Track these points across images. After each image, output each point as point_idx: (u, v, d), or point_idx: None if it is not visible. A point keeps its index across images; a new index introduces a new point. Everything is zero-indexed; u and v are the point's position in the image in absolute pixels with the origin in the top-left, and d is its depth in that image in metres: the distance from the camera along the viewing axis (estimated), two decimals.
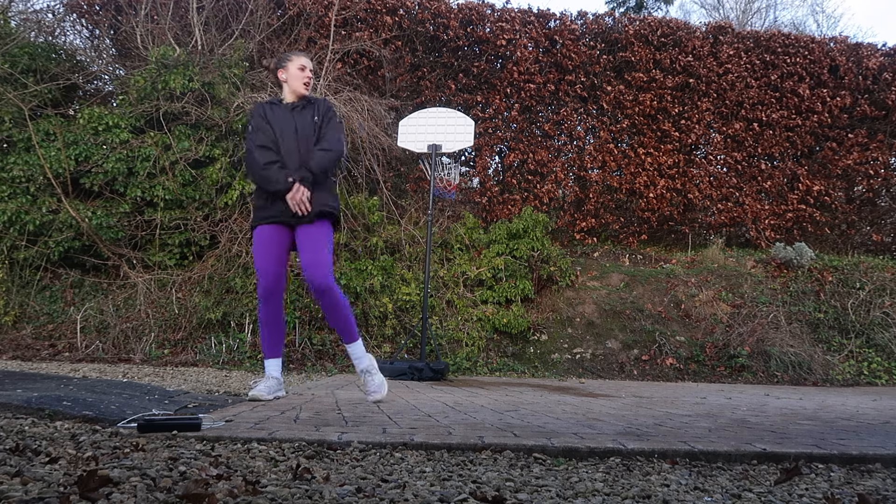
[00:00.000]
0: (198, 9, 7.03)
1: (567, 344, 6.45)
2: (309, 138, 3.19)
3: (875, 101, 8.45)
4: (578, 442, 2.06)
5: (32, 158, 6.19)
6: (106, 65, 7.69)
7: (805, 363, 6.17)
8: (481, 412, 2.88)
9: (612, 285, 7.17)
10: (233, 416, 2.42)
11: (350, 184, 6.89)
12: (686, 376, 6.14)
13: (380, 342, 6.14)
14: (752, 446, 2.09)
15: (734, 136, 8.31)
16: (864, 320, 6.76)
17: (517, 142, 8.02)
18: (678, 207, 8.30)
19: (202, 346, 5.74)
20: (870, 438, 2.39)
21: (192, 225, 6.41)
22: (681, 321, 6.73)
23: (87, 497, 1.19)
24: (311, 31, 7.43)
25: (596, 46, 8.06)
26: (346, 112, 6.62)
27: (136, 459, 1.56)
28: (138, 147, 6.31)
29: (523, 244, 6.81)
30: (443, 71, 7.82)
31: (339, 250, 6.51)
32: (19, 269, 6.19)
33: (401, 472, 1.65)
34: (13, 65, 6.52)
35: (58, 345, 5.72)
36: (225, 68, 6.70)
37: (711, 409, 3.38)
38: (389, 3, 7.57)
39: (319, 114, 3.23)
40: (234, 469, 1.56)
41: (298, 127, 3.18)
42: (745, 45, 8.32)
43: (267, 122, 3.20)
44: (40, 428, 2.05)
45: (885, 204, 8.89)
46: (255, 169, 3.13)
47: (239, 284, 6.13)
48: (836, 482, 1.74)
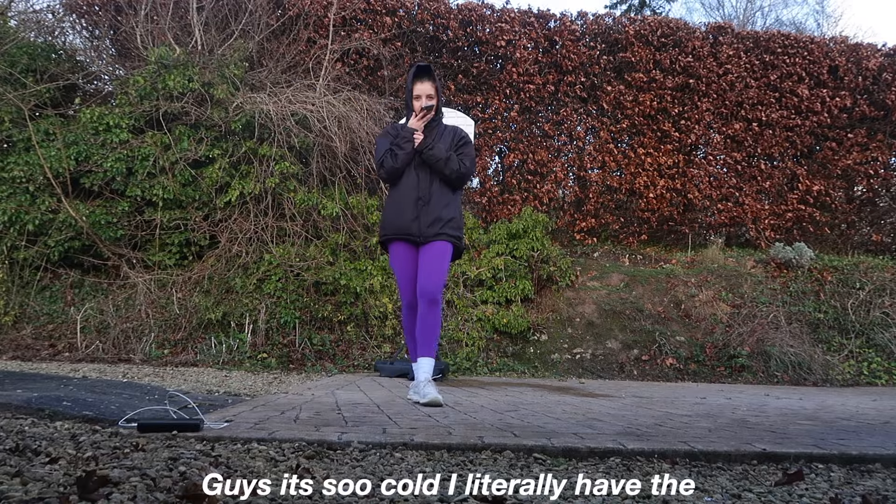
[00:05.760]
0: (198, 9, 7.03)
1: (567, 344, 6.45)
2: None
3: (875, 102, 8.45)
4: (578, 442, 2.06)
5: (32, 158, 6.19)
6: (106, 65, 7.69)
7: (805, 363, 6.17)
8: (481, 412, 2.88)
9: (612, 285, 7.17)
10: (233, 416, 2.42)
11: (349, 184, 6.89)
12: (686, 376, 6.14)
13: (380, 342, 6.14)
14: (752, 446, 2.09)
15: (734, 136, 8.31)
16: (864, 320, 6.76)
17: (517, 142, 8.02)
18: (678, 207, 8.30)
19: (202, 346, 5.73)
20: (870, 438, 2.39)
21: (192, 225, 6.41)
22: (681, 321, 6.73)
23: (87, 497, 1.19)
24: (311, 31, 7.43)
25: (596, 47, 8.06)
26: (345, 112, 6.62)
27: (136, 459, 1.56)
28: (138, 147, 6.32)
29: (523, 244, 6.81)
30: (442, 71, 7.82)
31: (339, 250, 6.52)
32: (19, 269, 6.19)
33: (401, 472, 1.65)
34: (13, 65, 6.52)
35: (58, 345, 5.72)
36: (224, 68, 6.70)
37: (711, 409, 3.38)
38: (389, 4, 7.57)
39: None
40: (234, 469, 1.56)
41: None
42: (745, 45, 8.33)
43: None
44: (40, 428, 2.05)
45: (885, 204, 8.89)
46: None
47: (239, 284, 6.13)
48: (836, 482, 1.74)
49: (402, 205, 3.33)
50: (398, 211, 3.33)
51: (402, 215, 3.32)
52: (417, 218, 3.30)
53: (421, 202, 3.32)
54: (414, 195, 3.32)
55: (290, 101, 6.54)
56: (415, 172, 3.35)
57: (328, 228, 6.58)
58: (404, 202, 3.33)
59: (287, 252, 6.30)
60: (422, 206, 3.32)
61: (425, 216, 3.31)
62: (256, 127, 6.42)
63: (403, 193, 3.34)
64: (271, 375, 5.04)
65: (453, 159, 3.36)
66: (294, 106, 6.51)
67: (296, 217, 6.52)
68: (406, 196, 3.33)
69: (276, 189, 6.45)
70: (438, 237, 3.31)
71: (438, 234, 3.31)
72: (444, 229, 3.33)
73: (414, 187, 3.33)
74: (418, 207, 3.31)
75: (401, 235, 3.34)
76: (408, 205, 3.32)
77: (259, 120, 6.39)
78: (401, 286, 3.44)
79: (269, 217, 6.46)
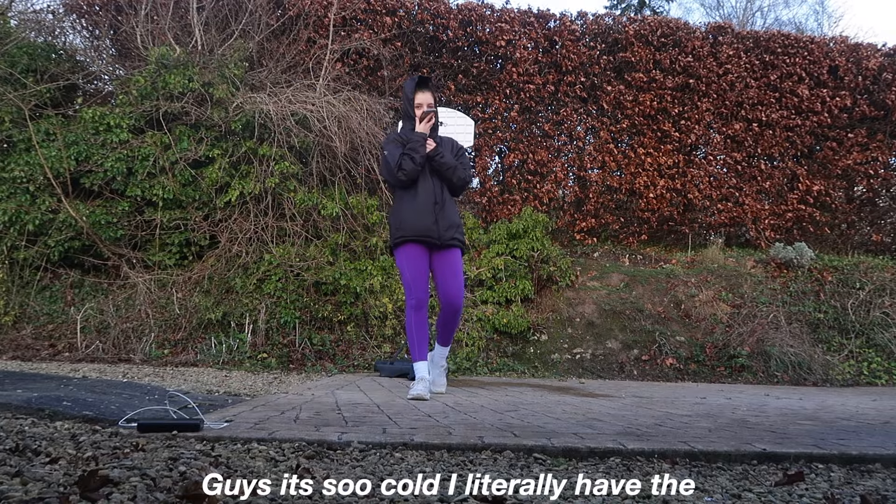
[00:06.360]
0: (198, 9, 7.03)
1: (567, 344, 6.45)
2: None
3: (875, 102, 8.45)
4: (578, 442, 2.06)
5: (33, 158, 6.19)
6: (106, 65, 7.69)
7: (805, 363, 6.17)
8: (481, 412, 2.88)
9: (612, 285, 7.17)
10: (233, 416, 2.42)
11: (349, 184, 6.89)
12: (686, 376, 6.14)
13: (380, 342, 6.14)
14: (752, 446, 2.09)
15: (734, 136, 8.31)
16: (864, 320, 6.76)
17: (517, 142, 8.02)
18: (678, 207, 8.30)
19: (202, 346, 5.73)
20: (870, 438, 2.39)
21: (192, 225, 6.41)
22: (681, 321, 6.73)
23: (87, 497, 1.19)
24: (311, 31, 7.43)
25: (596, 47, 8.06)
26: (345, 112, 6.62)
27: (136, 459, 1.56)
28: (138, 147, 6.32)
29: (523, 244, 6.81)
30: (442, 71, 7.82)
31: (339, 250, 6.52)
32: (19, 269, 6.19)
33: (401, 472, 1.65)
34: (13, 65, 6.52)
35: (58, 345, 5.72)
36: (224, 68, 6.70)
37: (711, 409, 3.38)
38: (389, 4, 7.57)
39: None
40: (234, 469, 1.56)
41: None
42: (745, 45, 8.33)
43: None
44: (40, 428, 2.05)
45: (885, 204, 8.89)
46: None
47: (239, 284, 6.13)
48: (836, 482, 1.74)
49: (421, 208, 3.52)
50: (417, 214, 3.51)
51: (422, 218, 3.51)
52: (436, 222, 3.52)
53: (437, 206, 3.55)
54: (431, 199, 3.54)
55: (290, 101, 6.54)
56: (430, 178, 3.56)
57: (328, 228, 6.58)
58: (422, 206, 3.52)
59: (287, 252, 6.30)
60: (438, 210, 3.54)
61: (442, 220, 3.54)
62: (256, 127, 6.42)
63: (421, 197, 3.53)
64: (271, 375, 5.04)
65: (459, 168, 3.61)
66: (294, 106, 6.51)
67: (296, 217, 6.53)
68: (424, 200, 3.53)
69: (276, 189, 6.45)
70: (453, 242, 3.58)
71: (453, 239, 3.58)
72: (457, 234, 3.61)
73: (431, 192, 3.54)
74: (436, 211, 3.53)
75: (420, 238, 3.52)
76: (427, 208, 3.52)
77: (259, 120, 6.40)
78: (413, 286, 3.53)
79: (269, 217, 6.46)
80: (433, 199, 3.54)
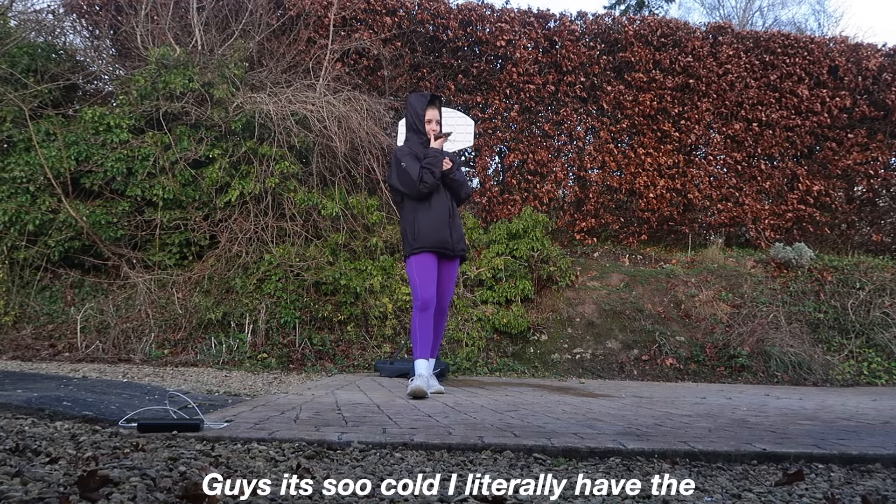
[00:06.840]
0: (198, 9, 7.03)
1: (567, 344, 6.45)
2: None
3: (875, 102, 8.45)
4: (578, 442, 2.06)
5: (33, 158, 6.19)
6: (106, 65, 7.69)
7: (805, 363, 6.17)
8: (481, 412, 2.88)
9: (612, 285, 7.17)
10: (233, 416, 2.42)
11: (349, 184, 6.89)
12: (686, 376, 6.14)
13: (380, 342, 6.14)
14: (752, 446, 2.09)
15: (734, 136, 8.31)
16: (864, 320, 6.76)
17: (517, 142, 8.02)
18: (678, 207, 8.30)
19: (202, 346, 5.73)
20: (870, 438, 2.39)
21: (192, 225, 6.41)
22: (681, 321, 6.73)
23: (87, 497, 1.19)
24: (311, 31, 7.43)
25: (596, 47, 8.06)
26: (345, 112, 6.62)
27: (136, 459, 1.56)
28: (138, 147, 6.32)
29: (523, 244, 6.81)
30: (442, 71, 7.82)
31: (339, 250, 6.52)
32: (19, 269, 6.19)
33: (401, 472, 1.65)
34: (13, 65, 6.52)
35: (58, 345, 5.72)
36: (224, 68, 6.70)
37: (711, 409, 3.38)
38: (389, 4, 7.57)
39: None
40: (234, 469, 1.56)
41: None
42: (745, 45, 8.33)
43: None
44: (40, 428, 2.05)
45: (885, 204, 8.89)
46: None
47: (239, 284, 6.13)
48: (836, 482, 1.74)
49: (438, 221, 3.82)
50: (436, 226, 3.81)
51: (440, 230, 3.81)
52: (451, 234, 3.86)
53: (451, 219, 3.88)
54: (447, 213, 3.86)
55: (290, 101, 6.54)
56: (443, 191, 3.87)
57: (328, 228, 6.58)
58: (439, 219, 3.82)
59: (287, 252, 6.30)
60: (451, 222, 3.88)
61: (455, 232, 3.90)
62: (256, 127, 6.42)
63: (436, 210, 3.83)
64: (271, 375, 5.05)
65: (466, 183, 3.99)
66: (294, 106, 6.51)
67: (296, 217, 6.53)
68: (440, 213, 3.83)
69: (276, 189, 6.45)
70: (461, 253, 3.96)
71: (462, 251, 3.95)
72: (464, 245, 4.01)
73: (445, 205, 3.86)
74: (450, 224, 3.87)
75: (438, 248, 3.82)
76: (443, 221, 3.83)
77: (259, 120, 6.39)
78: (423, 289, 3.77)
79: (269, 217, 6.46)
80: (448, 213, 3.85)
